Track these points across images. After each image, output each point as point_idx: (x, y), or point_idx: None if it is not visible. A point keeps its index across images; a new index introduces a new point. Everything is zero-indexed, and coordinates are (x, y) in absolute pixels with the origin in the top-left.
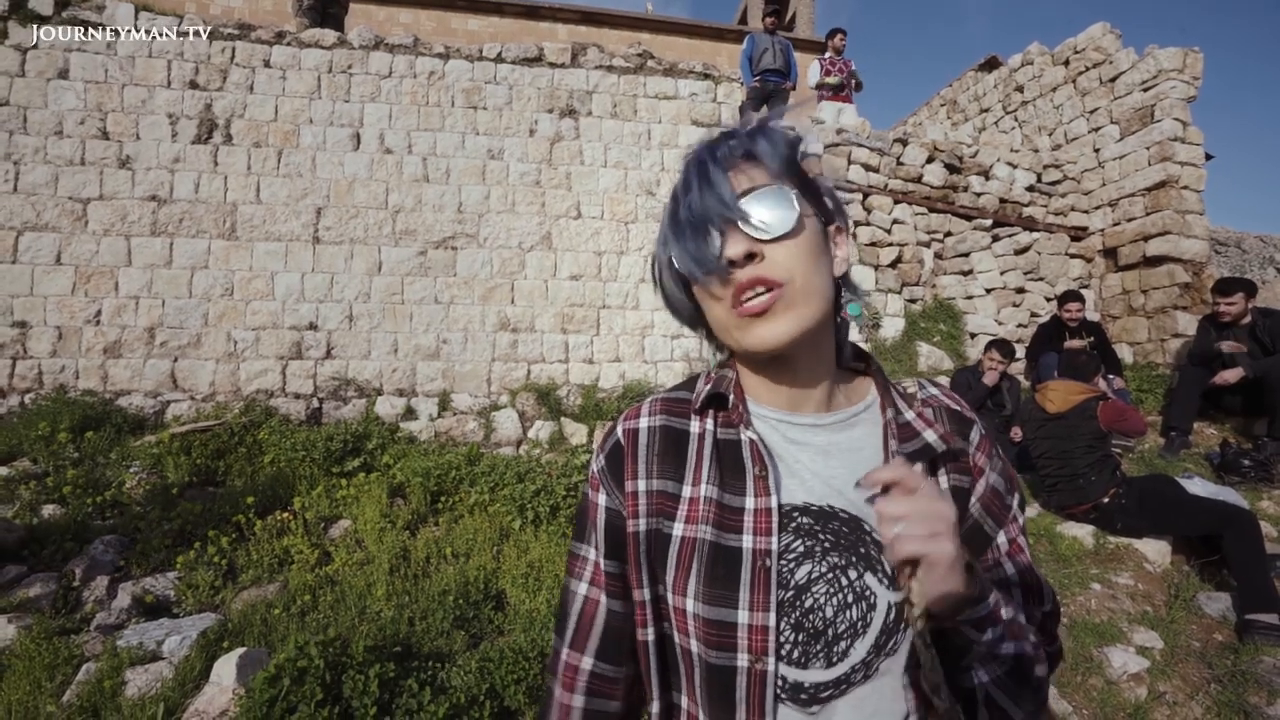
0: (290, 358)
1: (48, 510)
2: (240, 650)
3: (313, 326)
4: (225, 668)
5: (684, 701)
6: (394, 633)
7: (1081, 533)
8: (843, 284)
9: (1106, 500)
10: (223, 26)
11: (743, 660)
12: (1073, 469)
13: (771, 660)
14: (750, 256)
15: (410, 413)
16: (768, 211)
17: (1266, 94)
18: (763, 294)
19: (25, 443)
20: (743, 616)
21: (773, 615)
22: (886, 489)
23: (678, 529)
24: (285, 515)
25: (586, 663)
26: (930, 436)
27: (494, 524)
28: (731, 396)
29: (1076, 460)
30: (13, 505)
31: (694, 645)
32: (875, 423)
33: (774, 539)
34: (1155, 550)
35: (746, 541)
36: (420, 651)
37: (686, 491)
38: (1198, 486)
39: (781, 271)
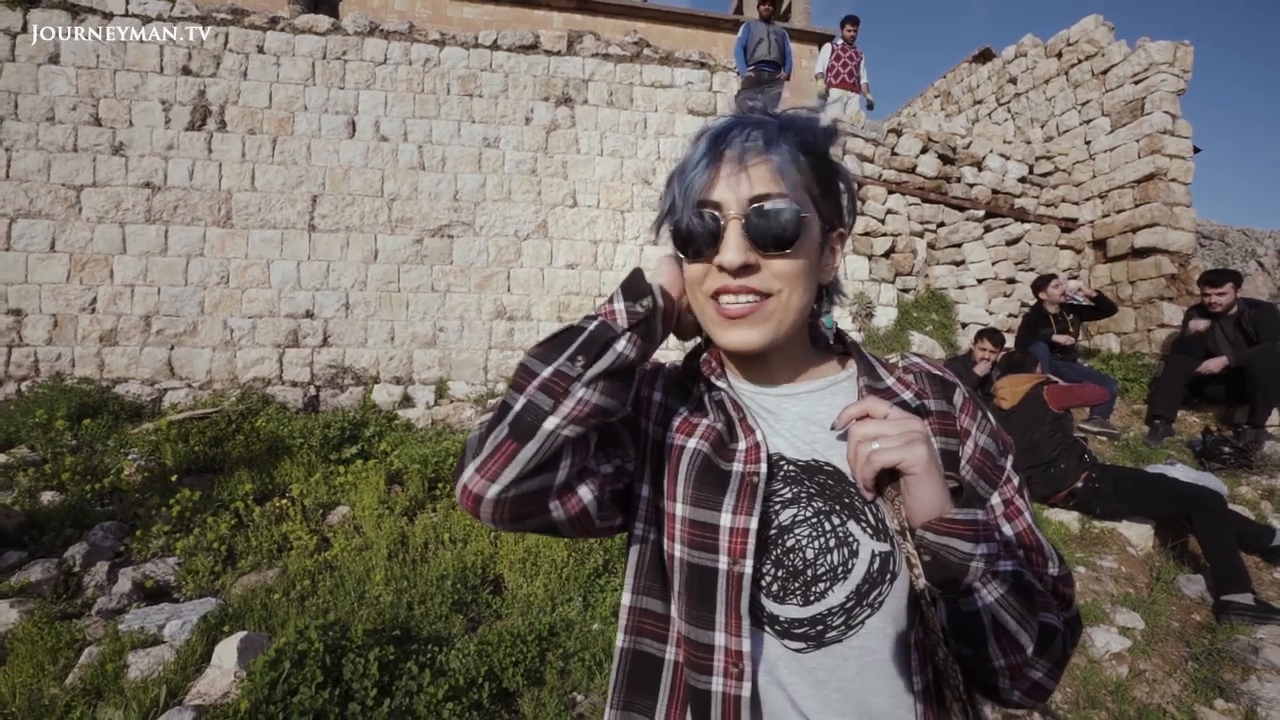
0: (287, 346)
1: (47, 497)
2: (241, 634)
3: (309, 314)
4: (226, 651)
5: (669, 610)
6: (393, 617)
7: (1067, 518)
8: (826, 290)
9: (1080, 485)
10: (216, 11)
11: (723, 562)
12: (1041, 457)
13: (749, 563)
14: (746, 267)
15: (407, 400)
16: (775, 225)
17: (1252, 89)
18: (745, 300)
19: (22, 430)
20: (725, 519)
21: (754, 520)
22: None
23: (677, 439)
24: (284, 502)
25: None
26: (906, 396)
27: None
28: (707, 354)
29: (1043, 447)
30: (12, 492)
31: (678, 549)
32: (852, 393)
33: (763, 466)
34: (1138, 534)
35: (737, 467)
36: (419, 635)
37: (684, 411)
38: (1179, 472)
39: (773, 284)
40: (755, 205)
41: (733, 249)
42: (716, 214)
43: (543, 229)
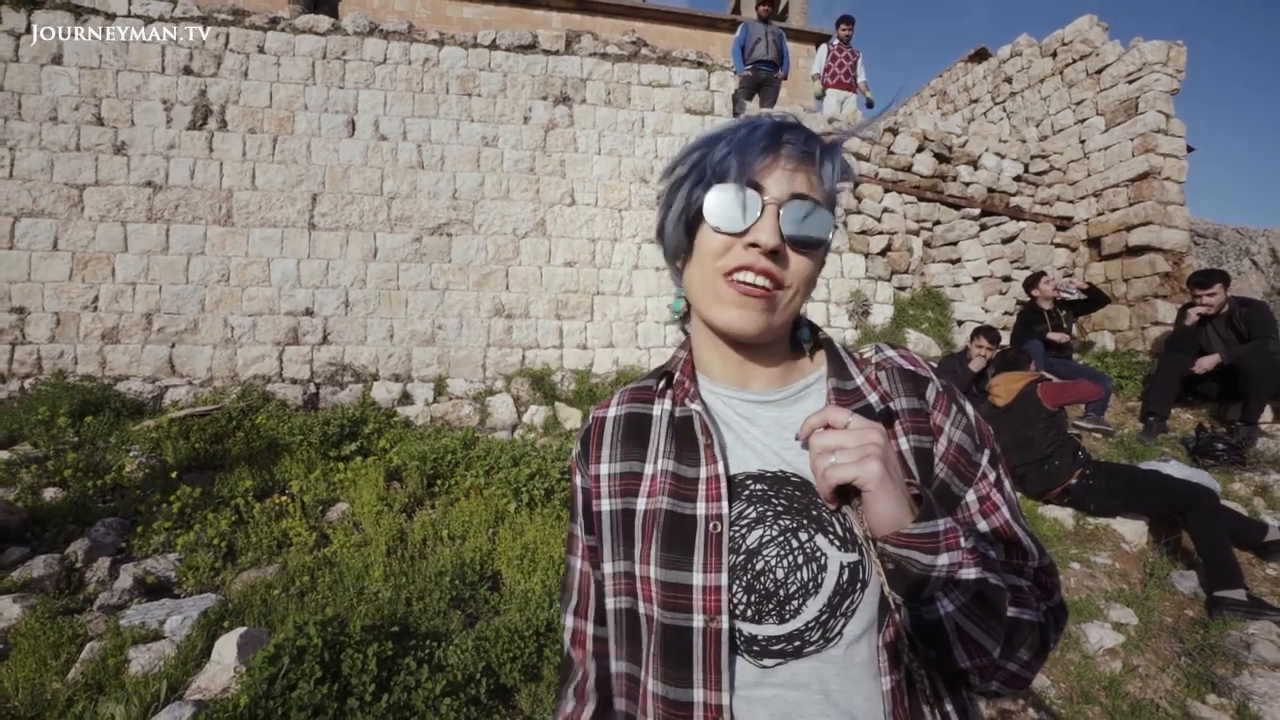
0: (287, 343)
1: (49, 493)
2: (241, 630)
3: (309, 312)
4: (226, 646)
5: (640, 674)
6: (391, 613)
7: (1062, 514)
8: None
9: (1074, 482)
10: (217, 12)
11: (698, 620)
12: (1036, 454)
13: (725, 619)
14: (775, 252)
15: (406, 398)
16: (810, 224)
17: (1247, 88)
18: (763, 281)
19: (25, 427)
20: (697, 579)
21: (724, 576)
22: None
23: (641, 504)
24: (283, 498)
25: (590, 628)
26: (872, 399)
27: (489, 507)
28: (678, 373)
29: (1037, 444)
30: (14, 488)
31: (655, 610)
32: (824, 394)
33: (724, 504)
34: (1132, 530)
35: (700, 509)
36: (417, 631)
37: (648, 469)
38: (1173, 469)
39: (788, 278)
40: (798, 203)
41: (769, 231)
42: (760, 196)
43: (541, 227)
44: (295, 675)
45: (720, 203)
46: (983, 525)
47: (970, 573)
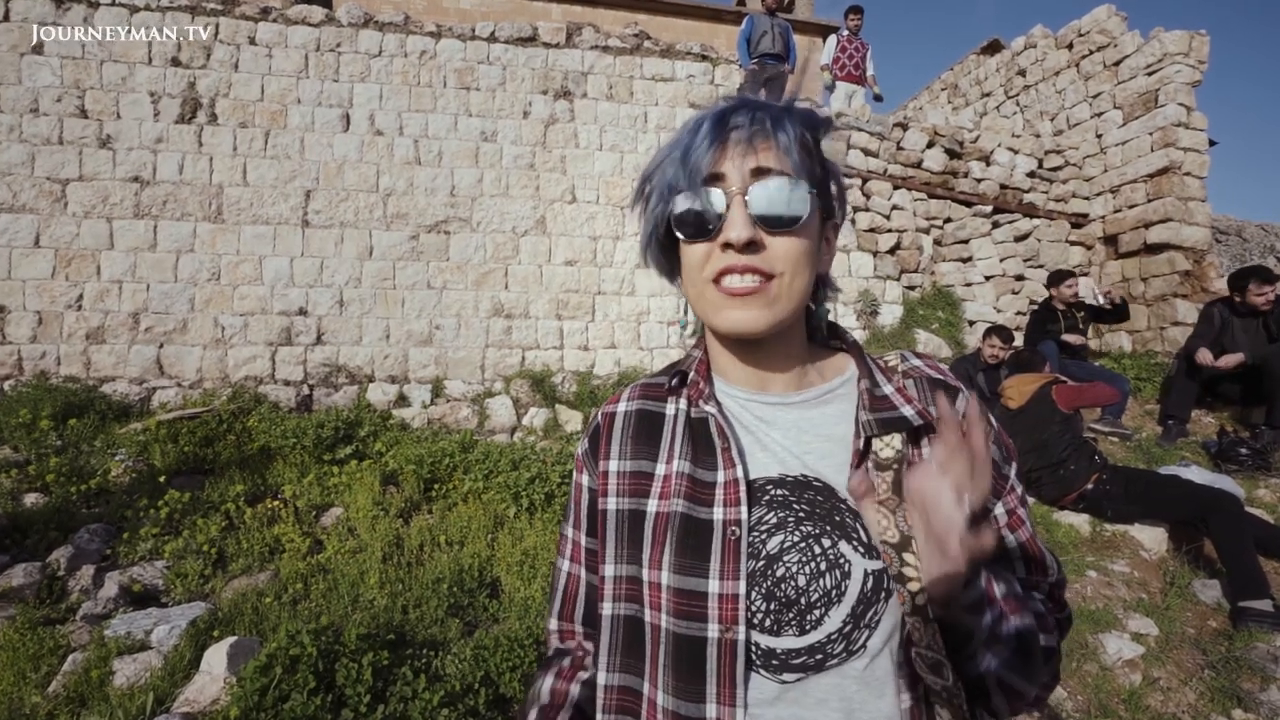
0: (280, 344)
1: (30, 499)
2: (231, 639)
3: (302, 312)
4: (216, 657)
5: (644, 687)
6: (387, 621)
7: (1078, 520)
8: (820, 282)
9: (1091, 487)
10: (205, 1)
11: (713, 630)
12: (1051, 458)
13: (742, 629)
14: (751, 244)
15: (403, 400)
16: (780, 202)
17: (1272, 79)
18: (750, 279)
19: (5, 430)
20: (713, 586)
21: (742, 584)
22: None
23: (652, 505)
24: (276, 503)
25: (579, 630)
26: (908, 411)
27: (488, 511)
28: (692, 373)
29: (1052, 448)
30: None
31: (664, 619)
32: (850, 399)
33: (743, 509)
34: (1151, 538)
35: (717, 513)
36: (414, 640)
37: (661, 469)
38: (1194, 474)
39: (777, 265)
40: (761, 183)
41: (739, 225)
42: (722, 191)
43: (541, 225)
44: (288, 686)
45: (684, 212)
46: (1010, 539)
47: (1010, 625)
